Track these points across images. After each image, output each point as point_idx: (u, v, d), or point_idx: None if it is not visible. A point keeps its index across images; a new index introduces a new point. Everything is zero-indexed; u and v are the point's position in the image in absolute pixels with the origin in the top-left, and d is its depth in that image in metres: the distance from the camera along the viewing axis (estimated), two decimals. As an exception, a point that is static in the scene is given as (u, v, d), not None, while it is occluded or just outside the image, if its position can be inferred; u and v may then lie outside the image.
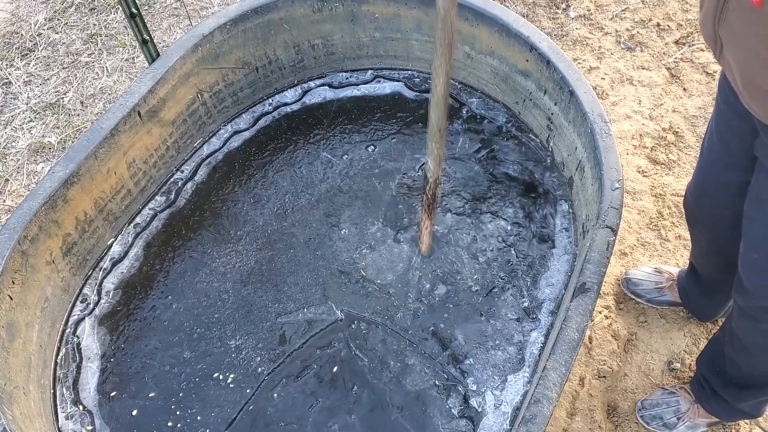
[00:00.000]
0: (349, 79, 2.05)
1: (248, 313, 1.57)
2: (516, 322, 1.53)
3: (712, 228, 1.41)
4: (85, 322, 1.56)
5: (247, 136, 1.93)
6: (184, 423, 1.41)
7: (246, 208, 1.77)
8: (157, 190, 1.78)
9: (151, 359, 1.51)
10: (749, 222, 1.17)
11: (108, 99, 2.53)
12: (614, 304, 1.88)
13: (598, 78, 2.48)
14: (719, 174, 1.29)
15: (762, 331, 1.25)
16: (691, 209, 1.46)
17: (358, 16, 1.91)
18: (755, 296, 1.21)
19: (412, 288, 1.59)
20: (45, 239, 1.46)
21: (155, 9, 2.87)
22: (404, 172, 1.82)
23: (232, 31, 1.79)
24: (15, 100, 2.55)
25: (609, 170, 1.43)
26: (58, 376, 1.47)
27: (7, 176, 2.32)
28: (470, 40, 1.83)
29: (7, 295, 1.36)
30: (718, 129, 1.25)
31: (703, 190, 1.38)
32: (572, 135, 1.64)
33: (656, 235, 2.03)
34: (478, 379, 1.45)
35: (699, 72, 2.47)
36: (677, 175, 2.17)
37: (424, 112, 1.96)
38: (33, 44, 2.75)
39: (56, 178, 1.47)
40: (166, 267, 1.66)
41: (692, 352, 1.80)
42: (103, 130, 1.55)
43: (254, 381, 1.46)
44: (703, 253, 1.56)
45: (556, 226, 1.69)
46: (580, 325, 1.21)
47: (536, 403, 1.13)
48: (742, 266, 1.22)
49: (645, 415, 1.66)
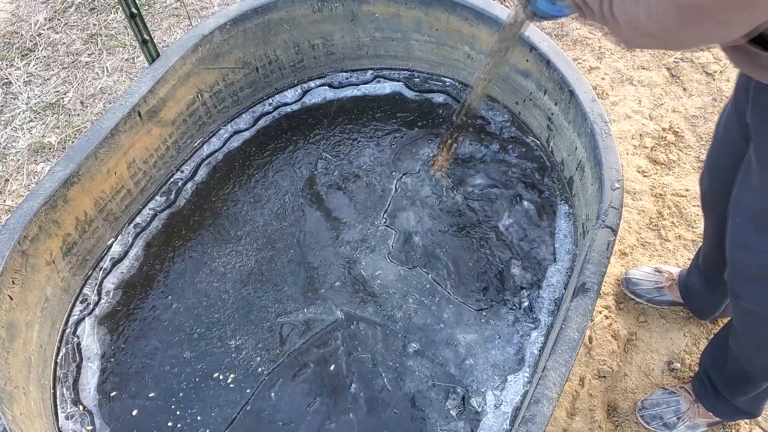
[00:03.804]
0: (349, 79, 2.05)
1: (248, 313, 1.57)
2: (516, 322, 1.53)
3: (723, 207, 1.40)
4: (85, 322, 1.56)
5: (247, 136, 1.93)
6: (184, 423, 1.41)
7: (246, 208, 1.77)
8: (157, 190, 1.78)
9: (151, 359, 1.51)
10: (738, 188, 1.16)
11: (108, 99, 2.53)
12: (614, 304, 1.88)
13: (598, 78, 2.48)
14: (733, 147, 1.27)
15: (746, 311, 1.25)
16: (705, 187, 1.45)
17: (358, 16, 1.91)
18: (734, 267, 1.21)
19: (411, 288, 1.59)
20: (45, 239, 1.46)
21: (155, 9, 2.87)
22: (404, 172, 1.82)
23: (232, 31, 1.79)
24: (15, 100, 2.55)
25: (609, 170, 1.43)
26: (58, 376, 1.47)
27: (7, 176, 2.32)
28: (470, 40, 1.83)
29: (7, 295, 1.36)
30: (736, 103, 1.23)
31: (718, 163, 1.36)
32: (572, 135, 1.64)
33: (656, 235, 2.03)
34: (478, 379, 1.45)
35: (699, 72, 2.47)
36: (677, 175, 2.17)
37: (425, 111, 1.96)
38: (33, 44, 2.75)
39: (56, 178, 1.47)
40: (166, 267, 1.66)
41: (692, 352, 1.80)
42: (103, 130, 1.55)
43: (254, 381, 1.46)
44: (709, 239, 1.55)
45: (556, 226, 1.69)
46: (580, 325, 1.21)
47: (536, 403, 1.13)
48: (728, 235, 1.21)
49: (645, 415, 1.66)
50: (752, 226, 1.12)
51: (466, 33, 1.82)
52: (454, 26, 1.83)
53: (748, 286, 1.19)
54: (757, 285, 1.17)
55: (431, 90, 2.00)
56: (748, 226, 1.13)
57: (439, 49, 1.94)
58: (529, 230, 1.68)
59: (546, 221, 1.70)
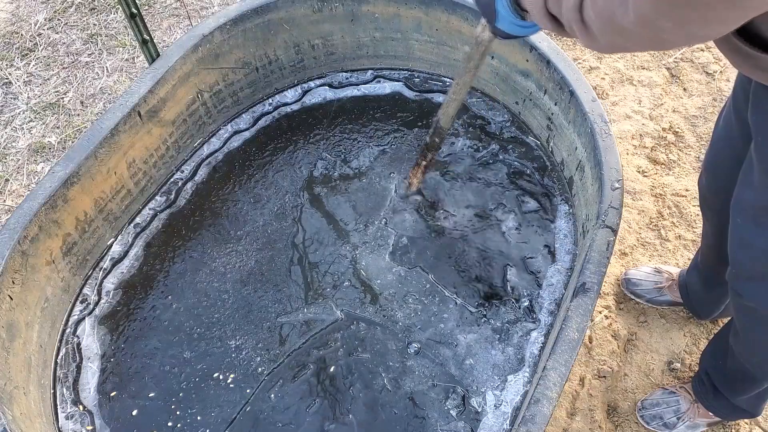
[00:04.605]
0: (349, 79, 2.05)
1: (248, 313, 1.57)
2: (516, 322, 1.53)
3: (722, 207, 1.40)
4: (85, 322, 1.56)
5: (247, 136, 1.93)
6: (184, 423, 1.41)
7: (246, 208, 1.77)
8: (157, 190, 1.78)
9: (151, 359, 1.51)
10: (739, 187, 1.16)
11: (108, 99, 2.53)
12: (614, 304, 1.88)
13: (598, 78, 2.48)
14: (732, 147, 1.27)
15: (747, 309, 1.25)
16: (704, 188, 1.45)
17: (358, 16, 1.91)
18: (735, 267, 1.21)
19: (411, 288, 1.59)
20: (45, 239, 1.46)
21: (155, 9, 2.87)
22: (404, 172, 1.82)
23: (232, 31, 1.79)
24: (15, 100, 2.55)
25: (609, 170, 1.43)
26: (58, 376, 1.47)
27: (7, 176, 2.32)
28: (470, 40, 1.83)
29: (7, 295, 1.36)
30: (735, 103, 1.23)
31: (716, 163, 1.36)
32: (572, 135, 1.64)
33: (656, 235, 2.03)
34: (478, 379, 1.45)
35: (699, 72, 2.47)
36: (677, 175, 2.17)
37: (425, 111, 1.96)
38: (33, 44, 2.75)
39: (56, 178, 1.47)
40: (166, 267, 1.66)
41: (692, 352, 1.80)
42: (103, 130, 1.55)
43: (254, 381, 1.46)
44: (708, 240, 1.55)
45: (556, 227, 1.69)
46: (580, 325, 1.21)
47: (536, 403, 1.13)
48: (729, 235, 1.21)
49: (645, 415, 1.66)
50: (753, 225, 1.12)
51: (466, 33, 1.82)
52: (454, 26, 1.83)
53: (750, 285, 1.20)
54: (759, 283, 1.18)
55: (431, 90, 2.00)
56: (749, 226, 1.13)
57: (439, 49, 1.94)
58: (529, 230, 1.68)
59: (546, 221, 1.70)
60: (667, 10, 0.70)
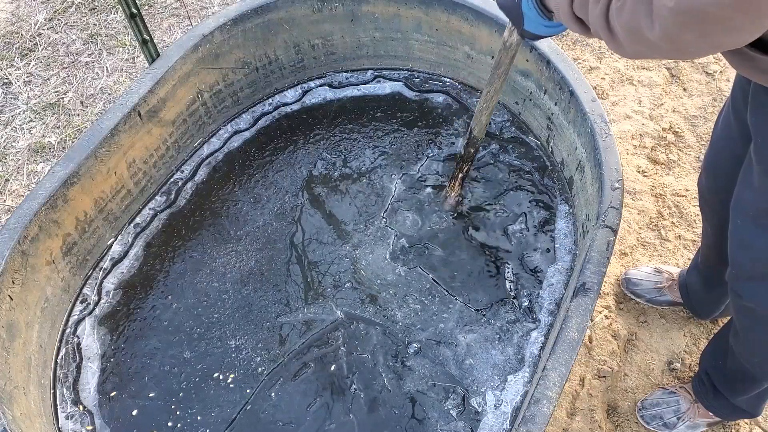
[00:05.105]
0: (349, 79, 2.05)
1: (248, 313, 1.57)
2: (516, 322, 1.53)
3: (722, 207, 1.40)
4: (85, 322, 1.56)
5: (247, 136, 1.93)
6: (184, 423, 1.41)
7: (246, 208, 1.77)
8: (157, 190, 1.78)
9: (151, 359, 1.51)
10: (739, 188, 1.16)
11: (108, 99, 2.53)
12: (614, 304, 1.88)
13: (598, 78, 2.48)
14: (731, 147, 1.27)
15: (746, 309, 1.25)
16: (704, 188, 1.45)
17: (358, 16, 1.91)
18: (735, 267, 1.21)
19: (411, 288, 1.59)
20: (45, 239, 1.46)
21: (155, 9, 2.87)
22: (404, 172, 1.82)
23: (232, 31, 1.79)
24: (15, 100, 2.55)
25: (609, 170, 1.43)
26: (58, 376, 1.47)
27: (7, 176, 2.32)
28: (470, 40, 1.83)
29: (7, 295, 1.36)
30: (734, 104, 1.23)
31: (716, 164, 1.36)
32: (572, 135, 1.64)
33: (656, 235, 2.03)
34: (478, 379, 1.45)
35: (699, 72, 2.47)
36: (677, 175, 2.17)
37: (425, 111, 1.96)
38: (33, 44, 2.75)
39: (56, 178, 1.47)
40: (166, 267, 1.66)
41: (692, 352, 1.80)
42: (103, 130, 1.55)
43: (254, 381, 1.46)
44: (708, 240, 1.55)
45: (556, 227, 1.69)
46: (580, 325, 1.21)
47: (536, 403, 1.13)
48: (729, 236, 1.21)
49: (645, 415, 1.66)
50: (753, 226, 1.12)
51: (466, 33, 1.82)
52: (454, 26, 1.83)
53: (750, 286, 1.20)
54: (759, 284, 1.18)
55: (431, 90, 2.00)
56: (749, 227, 1.13)
57: (439, 49, 1.94)
58: (529, 230, 1.68)
59: (546, 221, 1.70)
60: (690, 24, 0.72)
